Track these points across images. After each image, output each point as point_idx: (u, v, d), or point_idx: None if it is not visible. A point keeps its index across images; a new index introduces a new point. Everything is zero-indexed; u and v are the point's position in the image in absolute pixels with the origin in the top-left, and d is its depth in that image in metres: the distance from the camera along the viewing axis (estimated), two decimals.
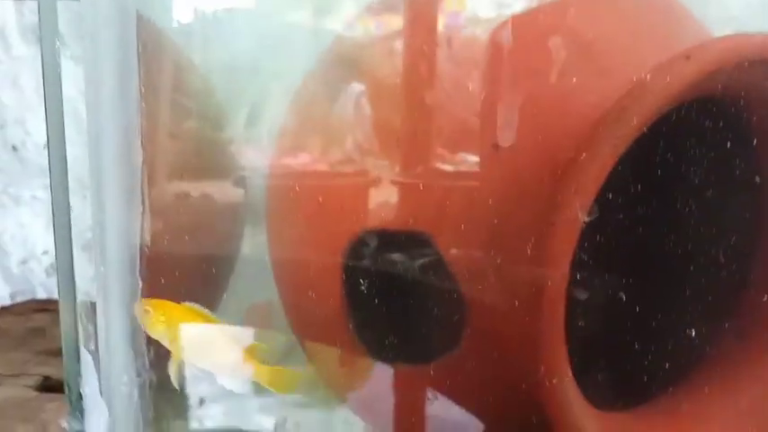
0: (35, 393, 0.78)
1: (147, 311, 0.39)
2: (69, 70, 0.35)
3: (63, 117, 0.35)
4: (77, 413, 0.37)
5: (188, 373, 0.43)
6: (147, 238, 0.38)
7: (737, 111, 0.45)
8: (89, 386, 0.37)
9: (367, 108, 0.48)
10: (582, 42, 0.46)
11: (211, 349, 0.44)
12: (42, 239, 1.24)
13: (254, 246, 0.69)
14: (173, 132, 0.67)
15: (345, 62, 0.54)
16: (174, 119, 0.65)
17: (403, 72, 0.47)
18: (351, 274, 0.48)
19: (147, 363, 0.39)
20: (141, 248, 0.39)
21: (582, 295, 0.42)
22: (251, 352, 0.45)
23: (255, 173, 0.70)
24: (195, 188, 0.67)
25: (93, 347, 0.37)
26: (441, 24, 0.68)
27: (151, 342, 0.39)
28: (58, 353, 0.91)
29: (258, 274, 0.66)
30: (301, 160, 0.53)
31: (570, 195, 0.38)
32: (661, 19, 0.49)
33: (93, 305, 0.37)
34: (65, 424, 0.38)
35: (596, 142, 0.37)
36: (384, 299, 0.47)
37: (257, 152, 0.75)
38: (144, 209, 0.38)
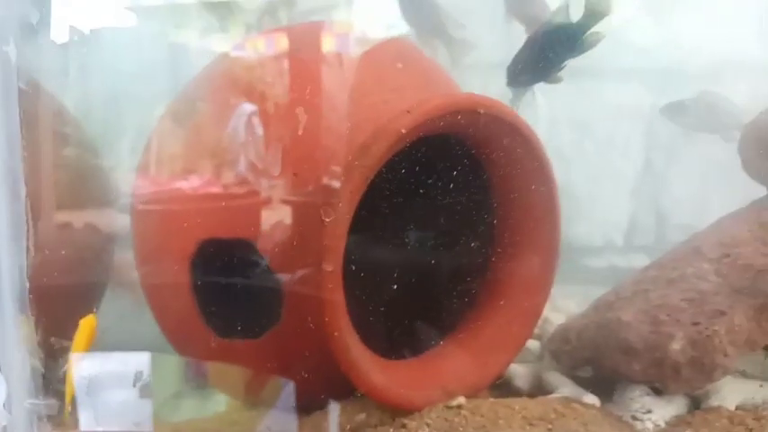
0: None
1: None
2: None
3: None
4: None
5: None
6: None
7: (464, 142, 0.66)
8: None
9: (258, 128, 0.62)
10: (358, 97, 0.65)
11: None
12: None
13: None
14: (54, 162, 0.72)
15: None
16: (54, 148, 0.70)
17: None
18: (196, 273, 0.64)
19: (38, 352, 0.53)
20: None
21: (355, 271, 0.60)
22: None
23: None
24: (78, 218, 0.73)
25: None
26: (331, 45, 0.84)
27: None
28: None
29: None
30: (160, 185, 0.67)
31: (337, 205, 0.56)
32: (419, 79, 0.69)
33: None
34: None
35: (350, 170, 0.56)
36: (222, 291, 0.64)
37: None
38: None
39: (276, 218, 0.60)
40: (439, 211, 0.69)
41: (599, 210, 1.35)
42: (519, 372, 0.75)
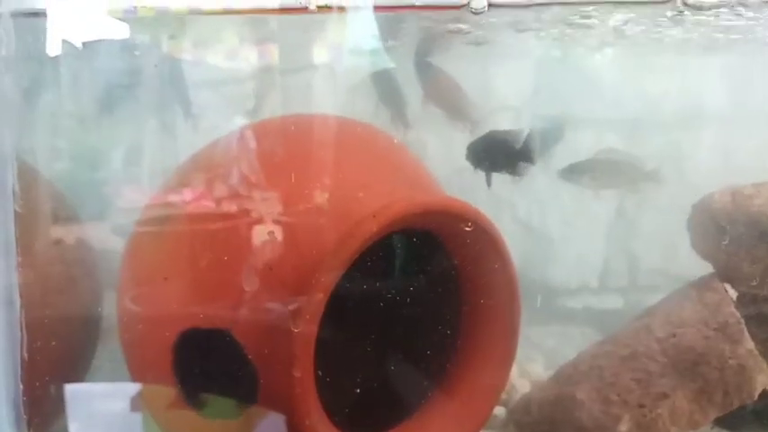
0: None
1: None
2: None
3: None
4: None
5: None
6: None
7: (433, 237, 0.71)
8: None
9: None
10: (328, 194, 0.70)
11: None
12: None
13: None
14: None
15: None
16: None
17: None
18: (179, 357, 0.68)
19: None
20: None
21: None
22: None
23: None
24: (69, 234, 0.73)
25: None
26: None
27: None
28: None
29: None
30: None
31: (310, 304, 0.61)
32: (390, 174, 0.74)
33: None
34: None
35: (321, 269, 0.61)
36: (200, 374, 0.68)
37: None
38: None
39: (253, 313, 0.65)
40: (407, 296, 0.74)
41: (574, 252, 1.40)
42: None
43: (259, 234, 0.66)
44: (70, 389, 0.70)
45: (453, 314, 0.72)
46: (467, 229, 0.64)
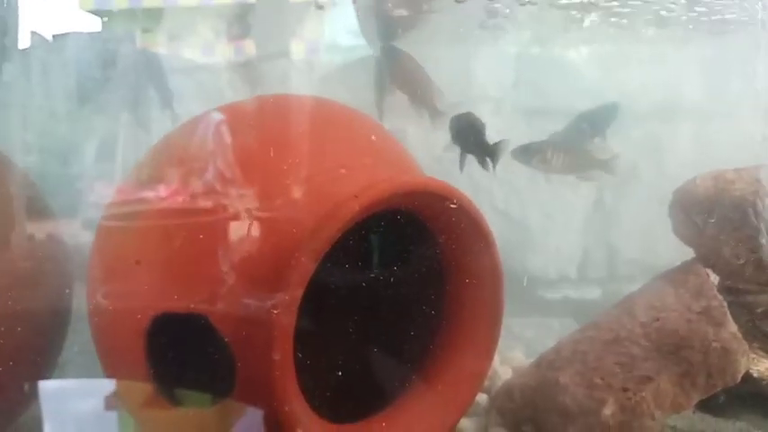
0: None
1: None
2: None
3: None
4: None
5: None
6: None
7: (415, 215, 0.70)
8: None
9: None
10: (308, 176, 0.68)
11: None
12: None
13: None
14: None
15: None
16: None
17: None
18: (151, 343, 0.66)
19: None
20: None
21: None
22: None
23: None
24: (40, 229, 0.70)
25: None
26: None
27: None
28: None
29: None
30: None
31: (289, 286, 0.59)
32: (369, 155, 0.72)
33: None
34: None
35: (301, 251, 0.59)
36: (175, 359, 0.66)
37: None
38: None
39: (231, 296, 0.63)
40: (389, 278, 0.73)
41: (553, 243, 1.40)
42: (467, 427, 0.78)
43: (237, 216, 0.64)
44: (45, 386, 0.67)
45: (437, 296, 0.71)
46: (451, 206, 0.63)
